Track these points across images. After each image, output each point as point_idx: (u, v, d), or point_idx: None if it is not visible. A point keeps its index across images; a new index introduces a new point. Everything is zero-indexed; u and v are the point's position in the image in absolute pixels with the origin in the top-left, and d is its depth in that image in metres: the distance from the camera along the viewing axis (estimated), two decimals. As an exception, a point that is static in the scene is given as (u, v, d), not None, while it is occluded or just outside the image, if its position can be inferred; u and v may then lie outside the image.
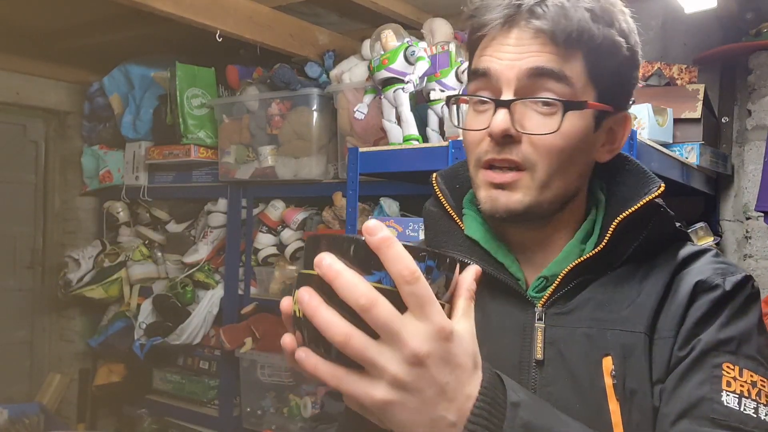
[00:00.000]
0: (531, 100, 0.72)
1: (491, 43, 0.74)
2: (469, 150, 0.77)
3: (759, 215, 1.92)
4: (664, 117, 1.67)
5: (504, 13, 0.72)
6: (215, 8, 2.08)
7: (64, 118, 3.32)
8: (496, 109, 0.72)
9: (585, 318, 0.74)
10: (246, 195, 2.63)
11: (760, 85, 1.96)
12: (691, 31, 2.15)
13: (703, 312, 0.72)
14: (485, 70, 0.74)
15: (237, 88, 2.59)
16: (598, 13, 0.74)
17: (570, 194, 0.77)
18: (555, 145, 0.72)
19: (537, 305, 0.76)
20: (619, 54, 0.76)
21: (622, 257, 0.76)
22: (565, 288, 0.76)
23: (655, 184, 0.78)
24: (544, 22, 0.71)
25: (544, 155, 0.72)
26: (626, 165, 0.83)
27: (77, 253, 2.97)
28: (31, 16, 2.47)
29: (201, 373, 2.77)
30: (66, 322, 3.31)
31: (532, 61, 0.71)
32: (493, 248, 0.80)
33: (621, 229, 0.75)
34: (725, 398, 0.67)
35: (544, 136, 0.72)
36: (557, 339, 0.74)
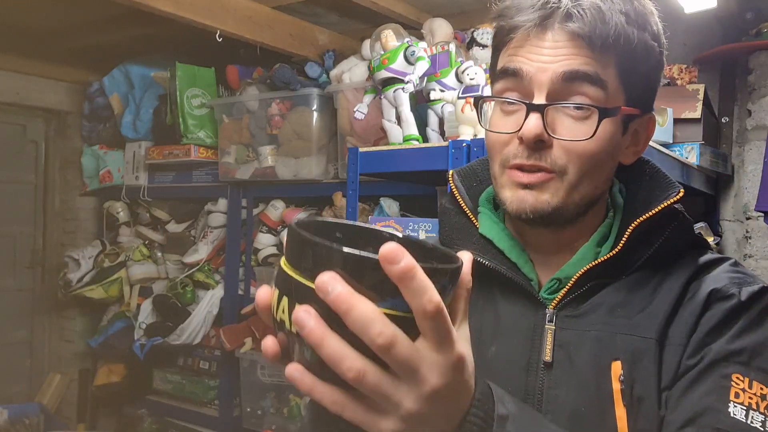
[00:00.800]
0: (563, 105, 0.71)
1: (524, 44, 0.72)
2: (494, 150, 0.76)
3: (759, 215, 1.92)
4: (664, 117, 1.67)
5: (539, 15, 0.71)
6: (215, 8, 2.08)
7: (64, 118, 3.32)
8: (528, 112, 0.70)
9: (596, 322, 0.73)
10: (246, 195, 2.63)
11: (760, 85, 1.96)
12: (691, 31, 2.15)
13: (716, 321, 0.71)
14: (517, 70, 0.72)
15: (237, 88, 2.59)
16: (633, 16, 0.72)
17: (596, 198, 0.76)
18: (588, 151, 0.71)
19: (549, 307, 0.75)
20: (651, 58, 0.75)
21: (637, 262, 0.75)
22: (578, 291, 0.75)
23: (675, 189, 0.77)
24: (580, 26, 0.69)
25: (575, 160, 0.72)
26: (646, 169, 0.82)
27: (77, 253, 2.97)
28: (31, 16, 2.47)
29: (201, 373, 2.77)
30: (66, 322, 3.31)
31: (567, 64, 0.70)
32: (507, 248, 0.79)
33: (637, 234, 0.74)
34: (732, 409, 0.66)
35: (578, 142, 0.71)
36: (567, 342, 0.73)
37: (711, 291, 0.72)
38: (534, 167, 0.72)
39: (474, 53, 1.85)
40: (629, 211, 0.79)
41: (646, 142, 0.80)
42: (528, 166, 0.72)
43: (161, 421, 2.82)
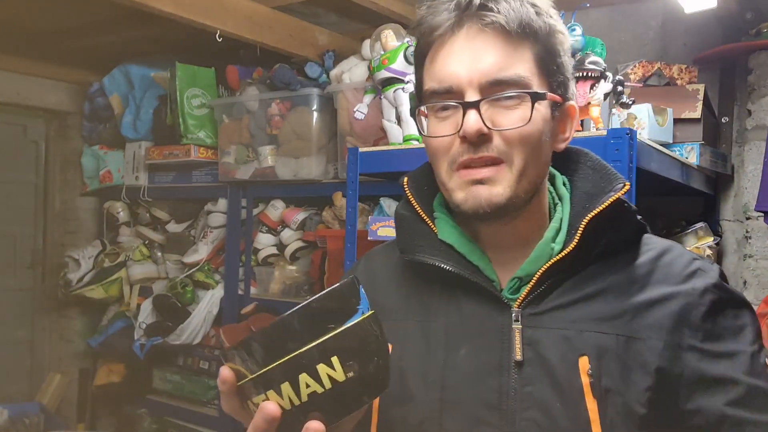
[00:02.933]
0: (495, 98, 0.74)
1: (443, 47, 0.76)
2: (438, 156, 0.78)
3: (759, 215, 1.92)
4: (664, 117, 1.67)
5: (454, 15, 0.74)
6: (215, 8, 2.08)
7: (65, 118, 3.32)
8: (465, 111, 0.74)
9: (561, 319, 0.76)
10: (246, 195, 2.63)
11: (759, 85, 1.96)
12: (691, 31, 2.15)
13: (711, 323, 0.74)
14: (445, 77, 0.75)
15: (237, 88, 2.60)
16: (539, 5, 0.76)
17: (539, 184, 0.79)
18: (527, 136, 0.75)
19: (513, 306, 0.77)
20: (562, 47, 0.78)
21: (592, 256, 0.78)
22: (539, 288, 0.77)
23: (620, 181, 0.80)
24: (495, 21, 0.73)
25: (518, 146, 0.74)
26: (587, 161, 0.85)
27: (77, 253, 2.98)
28: (31, 17, 2.47)
29: (201, 373, 2.77)
30: (66, 322, 3.31)
31: (489, 63, 0.73)
32: (467, 251, 0.81)
33: (590, 228, 0.77)
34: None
35: (517, 129, 0.74)
36: (535, 340, 0.76)
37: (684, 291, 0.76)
38: (482, 160, 0.74)
39: (474, 53, 1.85)
40: (577, 203, 0.81)
41: (572, 130, 0.82)
42: (477, 159, 0.74)
43: (161, 420, 2.82)
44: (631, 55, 2.18)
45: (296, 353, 0.58)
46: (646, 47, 2.23)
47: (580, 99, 1.39)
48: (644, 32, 2.24)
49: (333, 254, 2.30)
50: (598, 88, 1.38)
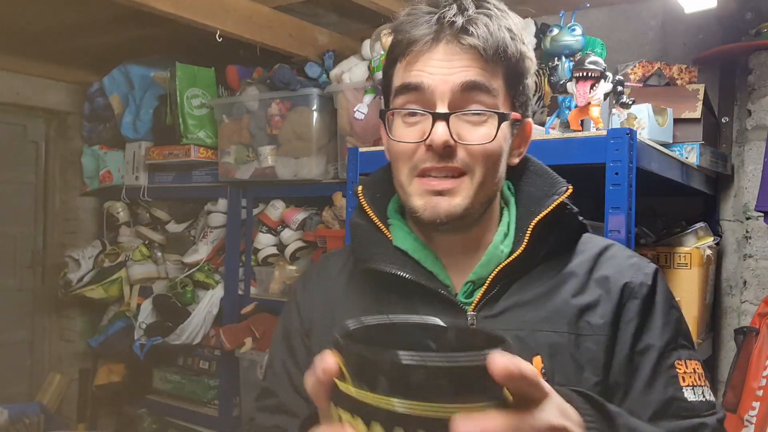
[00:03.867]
0: (464, 113, 0.78)
1: (420, 57, 0.79)
2: (401, 159, 0.81)
3: (759, 215, 1.92)
4: (664, 117, 1.67)
5: (435, 29, 0.78)
6: (215, 8, 2.08)
7: (65, 118, 3.32)
8: (434, 121, 0.77)
9: (514, 320, 0.80)
10: (246, 195, 2.63)
11: (759, 85, 1.96)
12: (691, 31, 2.15)
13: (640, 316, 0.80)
14: (418, 84, 0.78)
15: (237, 88, 2.59)
16: (515, 31, 0.80)
17: (494, 195, 0.84)
18: (489, 152, 0.78)
19: (468, 310, 0.81)
20: (529, 68, 0.83)
21: (539, 257, 0.83)
22: (492, 291, 0.81)
23: (562, 184, 0.85)
24: (474, 40, 0.76)
25: (480, 161, 0.78)
26: (530, 166, 0.89)
27: (77, 253, 2.97)
28: (31, 16, 2.47)
29: (201, 373, 2.77)
30: (66, 322, 3.31)
31: (464, 75, 0.77)
32: (422, 257, 0.83)
33: (537, 231, 0.82)
34: (686, 394, 0.78)
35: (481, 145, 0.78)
36: None
37: (623, 285, 0.81)
38: (445, 169, 0.78)
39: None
40: (523, 207, 0.86)
41: (527, 145, 0.88)
42: (439, 168, 0.78)
43: (161, 420, 2.82)
44: (631, 55, 2.18)
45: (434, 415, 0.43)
46: (646, 47, 2.23)
47: (580, 99, 1.39)
48: (644, 32, 2.24)
49: (333, 254, 2.30)
50: (598, 88, 1.38)
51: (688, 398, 0.78)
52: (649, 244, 1.78)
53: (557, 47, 1.69)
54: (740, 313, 2.00)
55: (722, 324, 2.08)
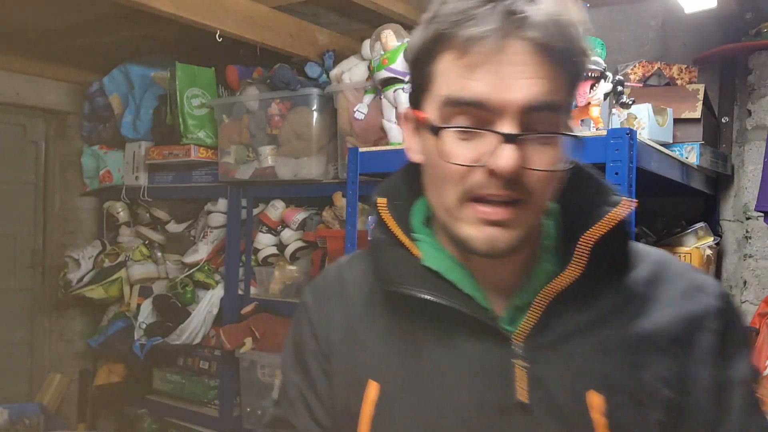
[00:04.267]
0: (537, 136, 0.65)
1: (480, 61, 0.63)
2: (450, 180, 0.67)
3: (759, 215, 1.92)
4: (664, 117, 1.67)
5: (500, 24, 0.62)
6: (215, 8, 2.08)
7: (64, 118, 3.32)
8: (500, 143, 0.63)
9: (567, 351, 0.68)
10: (246, 195, 2.63)
11: (759, 85, 1.96)
12: (691, 31, 2.15)
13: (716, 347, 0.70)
14: (482, 100, 0.64)
15: (237, 88, 2.59)
16: (577, 24, 0.66)
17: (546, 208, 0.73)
18: (555, 177, 0.68)
19: (513, 339, 0.69)
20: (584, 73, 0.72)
21: (594, 277, 0.69)
22: (540, 316, 0.69)
23: (617, 194, 0.72)
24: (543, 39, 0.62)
25: (543, 188, 0.67)
26: (580, 172, 0.75)
27: (77, 253, 2.97)
28: (31, 16, 2.47)
29: (201, 373, 2.77)
30: (66, 322, 3.31)
31: (536, 90, 0.63)
32: (458, 279, 0.71)
33: (591, 247, 0.69)
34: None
35: (549, 170, 0.66)
36: (542, 377, 0.68)
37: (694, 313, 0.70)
38: (506, 196, 0.65)
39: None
40: (570, 218, 0.73)
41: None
42: (500, 195, 0.65)
43: (161, 421, 2.82)
44: (631, 55, 2.18)
45: None
46: (646, 47, 2.23)
47: (580, 99, 1.39)
48: (644, 32, 2.24)
49: (333, 254, 2.30)
50: (598, 88, 1.38)
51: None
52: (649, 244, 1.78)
53: (557, 47, 1.68)
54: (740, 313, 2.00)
55: (722, 324, 2.09)
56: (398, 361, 0.72)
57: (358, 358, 0.75)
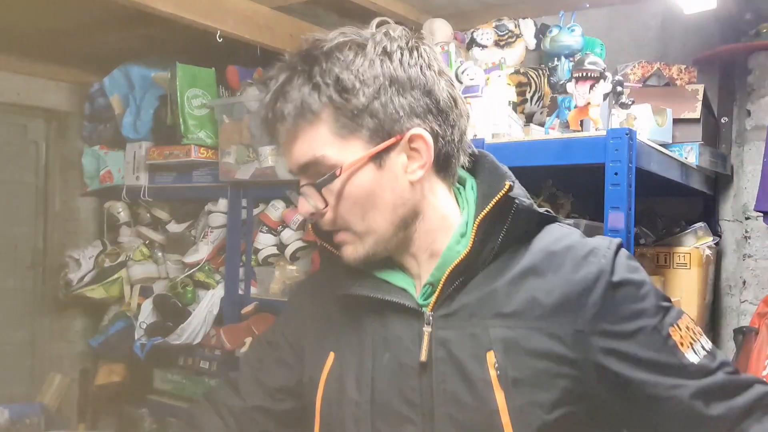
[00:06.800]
0: (306, 186, 0.86)
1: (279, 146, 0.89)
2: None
3: (758, 215, 1.92)
4: (663, 117, 1.68)
5: (267, 132, 0.87)
6: (215, 9, 2.09)
7: (65, 118, 3.32)
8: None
9: (468, 318, 0.83)
10: (246, 195, 2.63)
11: (759, 86, 1.96)
12: (690, 32, 2.15)
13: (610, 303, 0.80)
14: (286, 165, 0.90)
15: (237, 88, 2.60)
16: (321, 80, 0.81)
17: (402, 220, 0.86)
18: (343, 209, 0.84)
19: (426, 311, 0.86)
20: (362, 98, 0.81)
21: (491, 254, 0.85)
22: (448, 291, 0.85)
23: (505, 180, 0.86)
24: (280, 119, 0.83)
25: (343, 218, 0.85)
26: (485, 163, 0.92)
27: (78, 253, 2.98)
28: (31, 16, 2.47)
29: (201, 373, 2.77)
30: (67, 323, 3.31)
31: (291, 163, 0.87)
32: (377, 269, 0.90)
33: (483, 229, 0.84)
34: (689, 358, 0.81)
35: (329, 207, 0.85)
36: (446, 340, 0.83)
37: (582, 277, 0.81)
38: (329, 230, 0.88)
39: (473, 54, 1.85)
40: (479, 205, 0.88)
41: (428, 152, 0.85)
42: (325, 231, 0.89)
43: (162, 420, 2.82)
44: (630, 56, 2.18)
45: None
46: (645, 48, 2.23)
47: (580, 99, 1.40)
48: (644, 33, 2.24)
49: (333, 254, 2.30)
50: (597, 89, 1.39)
51: (693, 361, 0.81)
52: (649, 244, 1.79)
53: (557, 48, 1.70)
54: (740, 313, 2.00)
55: (722, 324, 2.09)
56: (350, 336, 0.92)
57: (325, 337, 0.95)
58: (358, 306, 0.91)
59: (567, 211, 1.84)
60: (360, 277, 0.90)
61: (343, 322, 0.94)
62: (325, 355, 0.93)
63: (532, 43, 1.80)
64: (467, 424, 0.81)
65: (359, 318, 0.91)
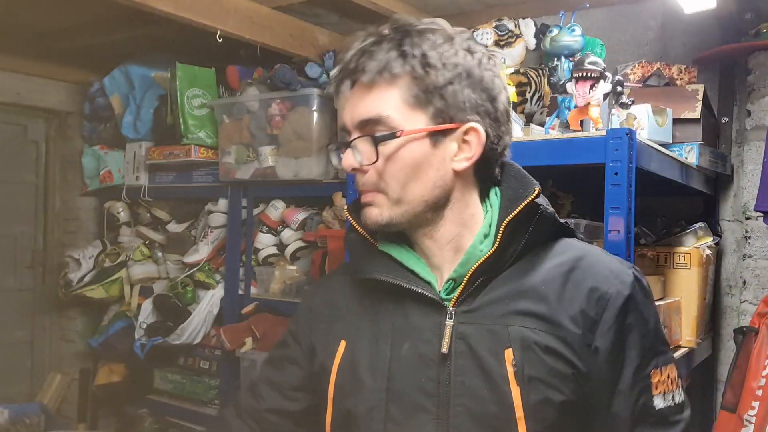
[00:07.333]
0: (359, 140, 0.89)
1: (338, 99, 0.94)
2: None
3: (758, 215, 1.92)
4: (663, 117, 1.68)
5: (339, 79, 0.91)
6: (215, 9, 2.09)
7: (65, 118, 3.32)
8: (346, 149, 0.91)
9: (489, 315, 0.87)
10: (246, 195, 2.63)
11: (759, 86, 1.96)
12: (690, 32, 2.15)
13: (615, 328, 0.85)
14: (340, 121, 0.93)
15: (237, 88, 2.60)
16: (409, 51, 0.87)
17: (434, 201, 0.90)
18: (388, 170, 0.88)
19: (448, 306, 0.89)
20: (439, 80, 0.87)
21: (513, 255, 0.89)
22: (471, 288, 0.88)
23: (533, 186, 0.90)
24: (360, 72, 0.88)
25: (385, 178, 0.89)
26: (510, 171, 0.95)
27: (78, 253, 2.98)
28: (31, 16, 2.47)
29: (201, 372, 2.77)
30: (66, 322, 3.31)
31: (355, 114, 0.89)
32: (405, 258, 0.93)
33: (509, 231, 0.88)
34: (656, 402, 0.87)
35: (377, 164, 0.88)
36: (466, 334, 0.87)
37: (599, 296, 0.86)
38: (362, 189, 0.91)
39: (474, 54, 1.85)
40: (502, 209, 0.92)
41: (477, 149, 0.90)
42: (359, 188, 0.92)
43: (162, 420, 2.82)
44: (630, 56, 2.18)
45: None
46: (645, 47, 2.23)
47: (580, 99, 1.40)
48: (644, 33, 2.24)
49: (333, 254, 2.31)
50: (597, 89, 1.39)
51: (657, 406, 0.87)
52: (649, 244, 1.79)
53: (557, 48, 1.70)
54: (740, 312, 2.00)
55: (722, 324, 2.09)
56: (363, 325, 0.94)
57: (335, 328, 0.97)
58: (375, 295, 0.94)
59: (567, 211, 1.84)
60: (387, 265, 0.93)
61: (355, 311, 0.96)
62: (336, 344, 0.95)
63: (532, 43, 1.80)
64: (481, 417, 0.84)
65: (375, 306, 0.94)
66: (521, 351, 0.84)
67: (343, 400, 0.92)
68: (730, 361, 1.88)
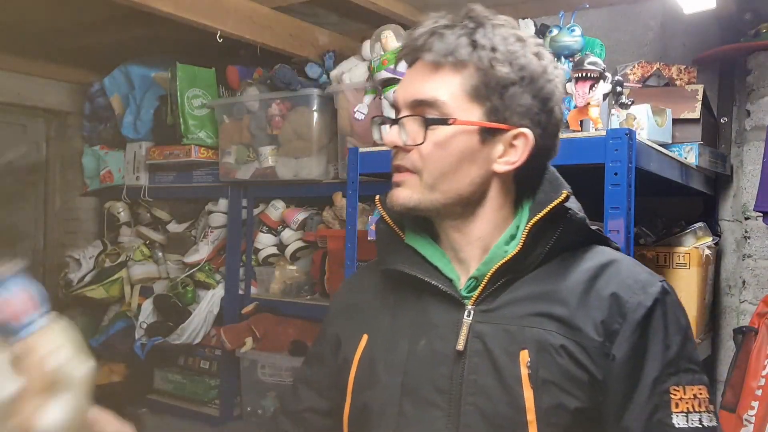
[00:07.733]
0: (408, 118, 0.87)
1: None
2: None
3: (758, 215, 1.92)
4: (663, 117, 1.68)
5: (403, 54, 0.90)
6: (215, 9, 2.09)
7: (65, 118, 3.32)
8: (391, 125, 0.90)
9: (507, 315, 0.86)
10: (246, 195, 2.64)
11: (758, 86, 1.96)
12: (690, 32, 2.15)
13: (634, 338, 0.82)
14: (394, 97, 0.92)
15: (237, 88, 2.60)
16: (481, 43, 0.84)
17: (468, 196, 0.88)
18: (431, 154, 0.86)
19: (468, 304, 0.87)
20: (506, 79, 0.85)
21: (538, 258, 0.87)
22: (492, 287, 0.87)
23: (561, 189, 0.89)
24: (426, 50, 0.85)
25: (425, 162, 0.86)
26: (545, 174, 0.93)
27: (78, 253, 2.98)
28: (31, 16, 2.47)
29: (202, 372, 2.77)
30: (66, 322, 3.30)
31: (410, 93, 0.87)
32: (429, 253, 0.92)
33: (534, 233, 0.86)
34: (675, 420, 0.81)
35: (422, 146, 0.86)
36: (483, 333, 0.85)
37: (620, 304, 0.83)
38: (399, 167, 0.89)
39: (474, 54, 1.85)
40: (532, 212, 0.89)
41: (522, 155, 0.88)
42: (396, 165, 0.89)
43: (162, 420, 2.82)
44: (630, 56, 2.18)
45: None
46: (645, 48, 2.23)
47: (580, 99, 1.40)
48: (643, 33, 2.25)
49: (333, 254, 2.31)
50: (597, 89, 1.39)
51: (677, 425, 0.81)
52: (649, 244, 1.79)
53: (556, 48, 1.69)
54: (739, 312, 2.00)
55: (721, 324, 2.09)
56: (385, 319, 0.94)
57: (359, 321, 0.97)
58: (399, 289, 0.93)
59: (567, 211, 1.84)
60: (411, 259, 0.92)
61: (379, 305, 0.96)
62: (358, 337, 0.95)
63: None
64: (492, 417, 0.82)
65: (397, 301, 0.93)
66: (536, 353, 0.82)
67: (360, 393, 0.92)
68: (730, 361, 1.88)
